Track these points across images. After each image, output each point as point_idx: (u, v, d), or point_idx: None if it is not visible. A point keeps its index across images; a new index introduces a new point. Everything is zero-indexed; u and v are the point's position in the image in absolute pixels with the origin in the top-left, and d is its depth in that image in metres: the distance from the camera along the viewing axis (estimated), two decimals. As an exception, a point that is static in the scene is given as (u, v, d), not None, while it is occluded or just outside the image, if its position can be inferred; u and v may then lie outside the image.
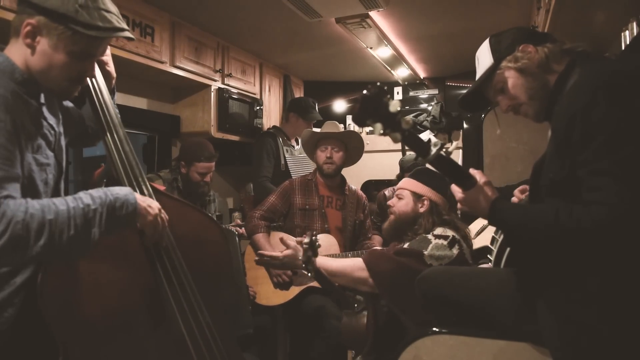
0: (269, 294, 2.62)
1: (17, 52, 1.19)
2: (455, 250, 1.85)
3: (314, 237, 1.82)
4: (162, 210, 1.31)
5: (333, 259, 1.98)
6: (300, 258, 1.88)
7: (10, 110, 1.11)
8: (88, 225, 1.12)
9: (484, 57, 1.37)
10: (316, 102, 3.82)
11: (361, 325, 1.92)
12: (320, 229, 2.76)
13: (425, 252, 1.83)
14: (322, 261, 1.90)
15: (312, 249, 1.81)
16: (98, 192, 1.18)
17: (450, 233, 1.90)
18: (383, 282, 1.82)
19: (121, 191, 1.21)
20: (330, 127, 2.97)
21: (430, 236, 1.89)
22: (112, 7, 1.24)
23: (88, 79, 1.36)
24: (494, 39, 1.36)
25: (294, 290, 2.61)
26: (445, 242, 1.86)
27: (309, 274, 1.82)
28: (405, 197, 2.03)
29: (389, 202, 2.11)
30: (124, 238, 1.32)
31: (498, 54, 1.32)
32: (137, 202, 1.23)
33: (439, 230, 1.92)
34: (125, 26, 1.26)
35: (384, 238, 2.13)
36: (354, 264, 1.90)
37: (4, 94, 1.11)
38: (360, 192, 3.05)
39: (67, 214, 1.10)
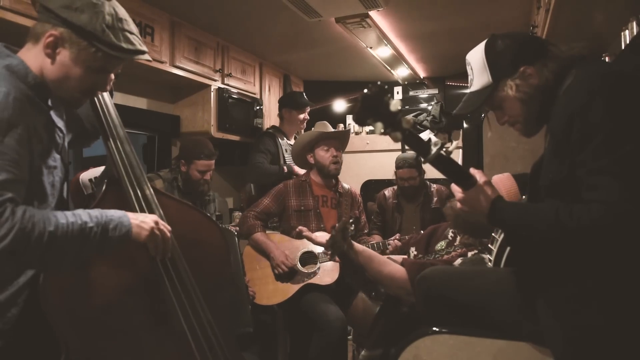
0: (268, 293, 2.64)
1: (33, 58, 1.20)
2: None
3: (349, 225, 1.82)
4: (161, 222, 1.31)
5: (378, 258, 1.85)
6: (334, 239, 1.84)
7: (25, 114, 1.12)
8: (82, 242, 1.14)
9: (479, 70, 1.33)
10: (301, 91, 3.89)
11: (370, 313, 1.89)
12: (316, 228, 2.77)
13: None
14: (365, 256, 1.82)
15: (343, 233, 1.79)
16: (94, 212, 1.19)
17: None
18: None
19: (115, 213, 1.23)
20: (323, 127, 2.99)
21: (487, 259, 1.75)
22: (134, 28, 1.26)
23: None
24: (490, 52, 1.31)
25: (293, 288, 2.62)
26: None
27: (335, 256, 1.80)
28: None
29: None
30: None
31: (497, 74, 1.30)
32: (131, 223, 1.24)
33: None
34: (145, 48, 1.28)
35: (454, 229, 1.99)
36: (397, 275, 1.77)
37: (21, 97, 1.12)
38: (354, 190, 3.08)
39: (66, 228, 1.11)
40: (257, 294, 2.63)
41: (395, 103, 1.12)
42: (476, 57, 1.35)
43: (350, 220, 1.88)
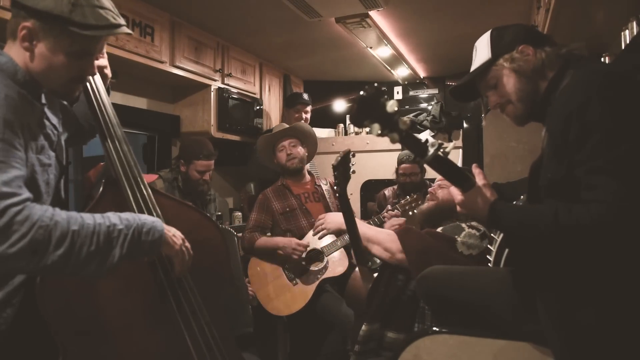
0: (287, 303, 2.64)
1: (15, 54, 1.19)
2: (484, 244, 1.86)
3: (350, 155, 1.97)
4: (185, 240, 1.31)
5: (368, 226, 2.04)
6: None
7: (17, 111, 1.11)
8: (110, 245, 1.11)
9: (482, 49, 1.36)
10: (302, 92, 4.03)
11: (367, 286, 1.92)
12: (307, 224, 2.78)
13: (458, 239, 1.86)
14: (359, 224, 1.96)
15: (345, 160, 1.93)
16: (126, 215, 1.17)
17: (482, 227, 1.92)
18: (413, 258, 1.82)
19: (148, 218, 1.21)
20: (280, 128, 3.06)
21: (464, 225, 1.92)
22: (107, 3, 1.22)
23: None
24: (495, 33, 1.35)
25: (310, 289, 2.62)
26: (477, 233, 1.88)
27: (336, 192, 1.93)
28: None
29: (431, 190, 2.15)
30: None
31: (497, 50, 1.32)
32: (164, 231, 1.22)
33: (474, 223, 1.94)
34: (122, 21, 1.23)
35: (425, 227, 2.17)
36: (387, 236, 1.93)
37: (12, 95, 1.11)
38: (331, 180, 3.09)
39: (92, 228, 1.09)
40: (277, 308, 2.63)
41: (392, 104, 1.12)
42: (482, 41, 1.38)
43: (352, 153, 1.96)
